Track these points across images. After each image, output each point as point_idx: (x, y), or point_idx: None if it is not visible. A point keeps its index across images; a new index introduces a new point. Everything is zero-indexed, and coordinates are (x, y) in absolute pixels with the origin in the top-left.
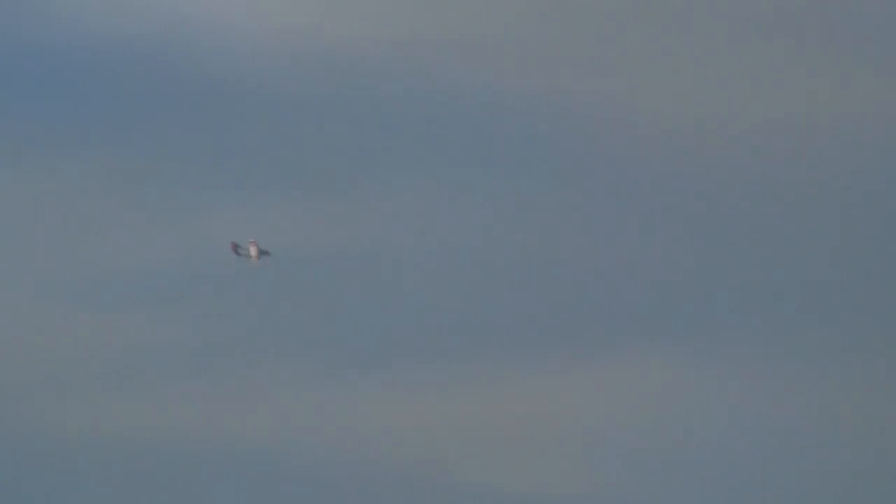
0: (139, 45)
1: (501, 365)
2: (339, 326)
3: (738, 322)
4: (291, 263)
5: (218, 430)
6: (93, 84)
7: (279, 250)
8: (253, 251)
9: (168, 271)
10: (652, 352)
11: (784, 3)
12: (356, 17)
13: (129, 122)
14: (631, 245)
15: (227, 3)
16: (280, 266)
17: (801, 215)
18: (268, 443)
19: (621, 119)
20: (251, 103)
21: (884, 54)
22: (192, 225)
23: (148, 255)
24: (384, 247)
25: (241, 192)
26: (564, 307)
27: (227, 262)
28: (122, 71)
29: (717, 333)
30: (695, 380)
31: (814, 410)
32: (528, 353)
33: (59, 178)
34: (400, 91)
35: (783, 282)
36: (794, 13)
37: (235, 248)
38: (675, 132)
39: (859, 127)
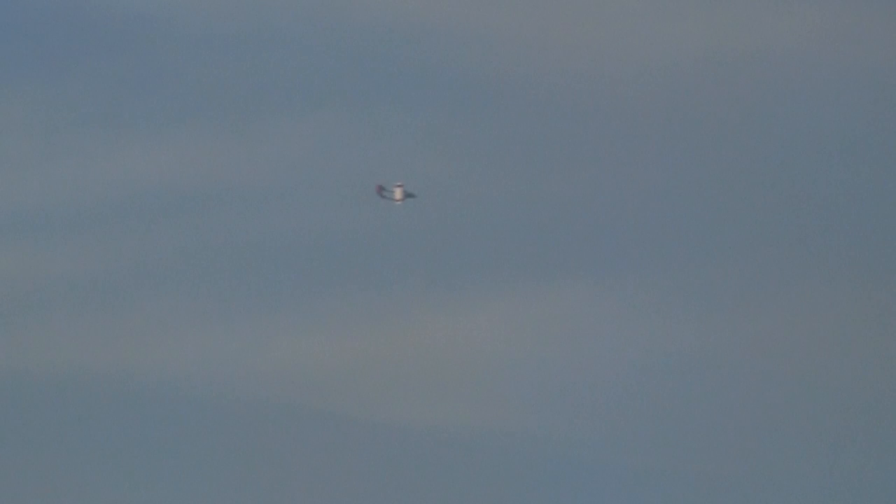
0: None
1: (407, 299)
2: (242, 261)
3: (645, 257)
4: (197, 198)
5: (114, 364)
6: None
7: (183, 185)
8: (398, 194)
9: (65, 205)
10: (558, 285)
11: None
12: None
13: (31, 57)
14: (536, 181)
15: None
16: (184, 200)
17: (701, 154)
18: (166, 378)
19: (525, 51)
20: (154, 40)
21: None
22: (93, 159)
23: (46, 188)
24: (287, 180)
25: (144, 127)
26: (470, 243)
27: (127, 197)
28: (27, 6)
29: (621, 269)
30: (600, 313)
31: (711, 341)
32: (434, 288)
33: None
34: (301, 29)
35: (681, 221)
36: None
37: (381, 190)
38: (574, 65)
39: (759, 60)
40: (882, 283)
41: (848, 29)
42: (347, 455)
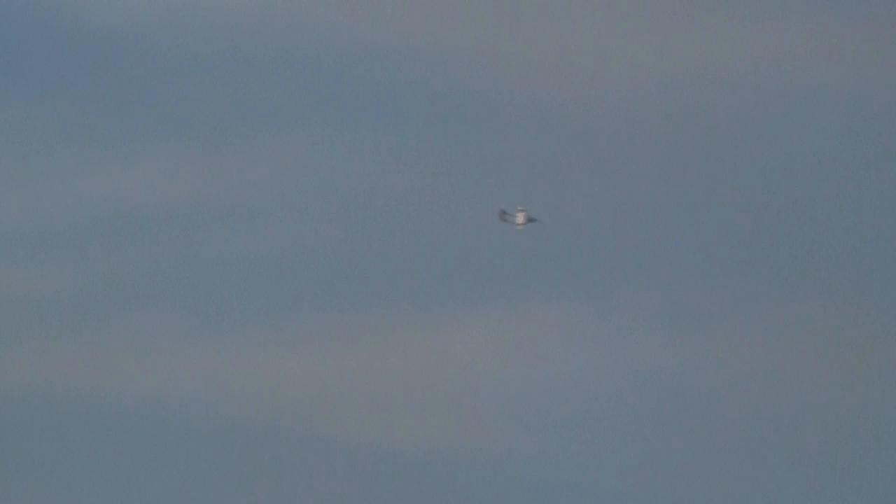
0: None
1: (386, 317)
2: (220, 278)
3: (628, 275)
4: (174, 216)
5: (96, 383)
6: None
7: (160, 204)
8: (520, 218)
9: (41, 223)
10: (539, 304)
11: None
12: None
13: (2, 76)
14: (514, 199)
15: None
16: (161, 218)
17: (685, 172)
18: (147, 397)
19: (506, 68)
20: (134, 57)
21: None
22: (68, 177)
23: (21, 206)
24: (265, 199)
25: (126, 146)
26: (451, 257)
27: (104, 215)
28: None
29: (603, 288)
30: (582, 332)
31: (694, 361)
32: (414, 305)
33: None
34: (281, 44)
35: (665, 239)
36: None
37: (503, 214)
38: (561, 81)
39: (758, 76)
40: (871, 303)
41: (844, 47)
42: (326, 475)
